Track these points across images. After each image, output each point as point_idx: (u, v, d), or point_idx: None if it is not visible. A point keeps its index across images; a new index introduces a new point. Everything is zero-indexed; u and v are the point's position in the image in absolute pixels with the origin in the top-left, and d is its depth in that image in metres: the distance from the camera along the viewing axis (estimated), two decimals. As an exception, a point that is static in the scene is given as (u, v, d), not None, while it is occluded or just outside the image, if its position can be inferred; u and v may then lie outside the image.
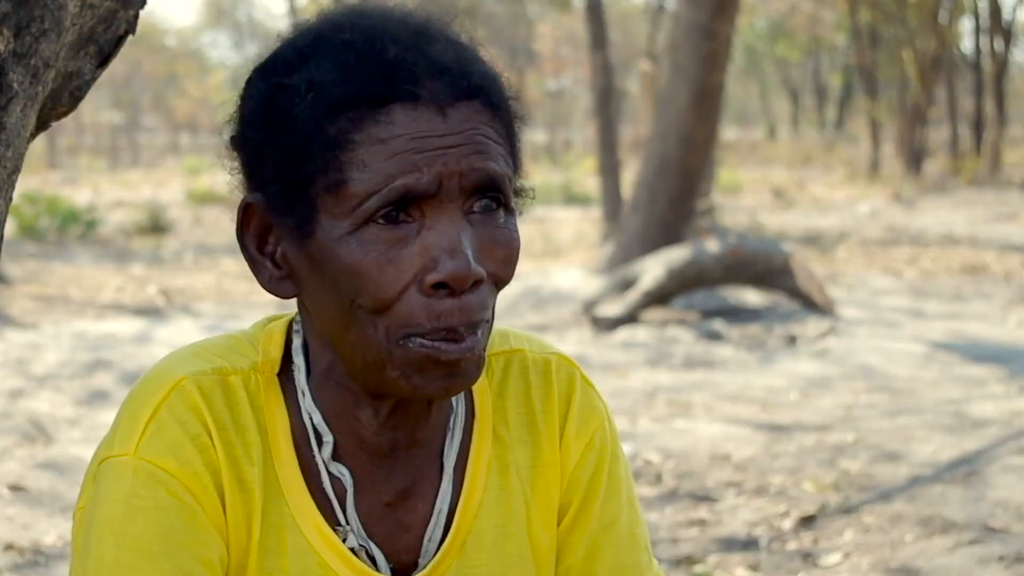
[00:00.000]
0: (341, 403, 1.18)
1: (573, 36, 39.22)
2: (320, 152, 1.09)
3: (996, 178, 24.04)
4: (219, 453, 1.15)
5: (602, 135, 14.22)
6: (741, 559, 3.88)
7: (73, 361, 7.18)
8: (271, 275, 1.16)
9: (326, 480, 1.19)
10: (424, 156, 1.08)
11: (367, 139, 1.08)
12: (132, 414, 1.16)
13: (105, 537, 1.12)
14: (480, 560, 1.23)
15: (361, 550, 1.19)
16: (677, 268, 8.65)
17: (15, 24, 1.17)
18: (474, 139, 1.10)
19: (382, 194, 1.07)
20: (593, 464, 1.29)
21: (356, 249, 1.09)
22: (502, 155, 1.13)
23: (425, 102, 1.09)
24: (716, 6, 9.92)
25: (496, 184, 1.11)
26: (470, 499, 1.23)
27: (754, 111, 63.27)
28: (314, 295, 1.14)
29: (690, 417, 5.82)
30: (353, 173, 1.08)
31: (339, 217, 1.09)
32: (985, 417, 5.49)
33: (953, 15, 27.77)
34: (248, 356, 1.20)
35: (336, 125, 1.08)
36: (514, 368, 1.29)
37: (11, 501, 4.45)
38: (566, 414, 1.29)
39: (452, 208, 1.09)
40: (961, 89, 30.93)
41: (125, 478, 1.13)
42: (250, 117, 1.16)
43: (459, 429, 1.24)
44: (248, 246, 1.16)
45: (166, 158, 47.03)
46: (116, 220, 18.08)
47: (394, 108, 1.08)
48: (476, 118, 1.11)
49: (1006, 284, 10.69)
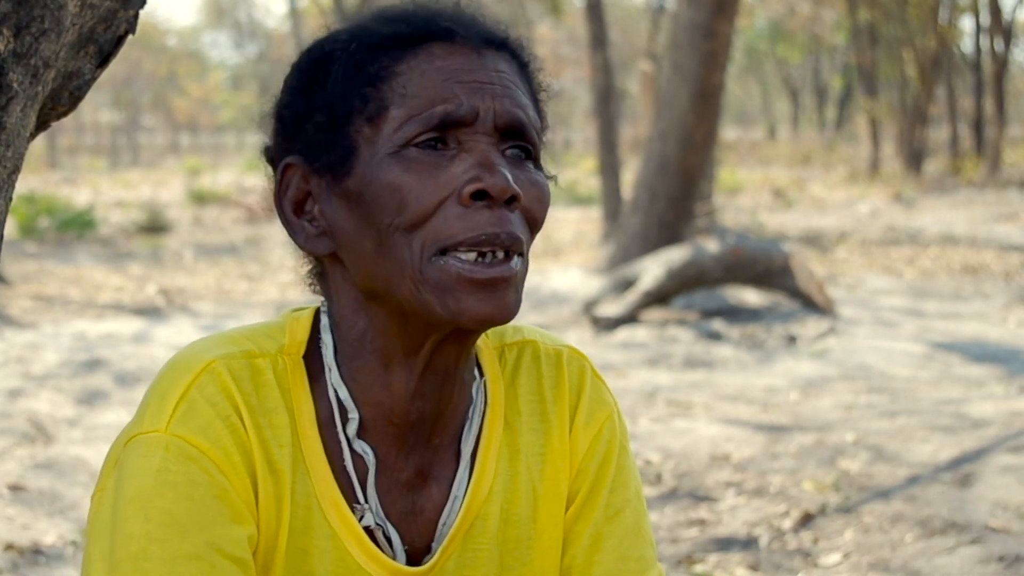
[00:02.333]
0: (373, 372, 1.20)
1: (573, 36, 39.25)
2: (361, 89, 1.15)
3: (996, 178, 24.04)
4: (250, 435, 1.16)
5: (602, 135, 14.22)
6: (741, 559, 3.88)
7: (72, 361, 7.18)
8: (308, 233, 1.19)
9: (348, 459, 1.20)
10: (462, 85, 1.14)
11: (408, 69, 1.15)
12: (162, 394, 1.16)
13: (134, 511, 1.11)
14: (483, 543, 1.25)
15: (378, 529, 1.20)
16: (677, 268, 8.65)
17: (15, 24, 1.17)
18: (506, 83, 1.17)
19: (422, 117, 1.13)
20: (602, 455, 1.30)
21: (396, 166, 1.13)
22: (530, 106, 1.19)
23: (461, 41, 1.17)
24: (716, 6, 9.92)
25: (526, 131, 1.17)
26: (480, 484, 1.25)
27: (754, 111, 63.31)
28: (351, 237, 1.16)
29: (690, 417, 5.82)
30: (395, 99, 1.14)
31: (380, 143, 1.14)
32: (985, 417, 5.49)
33: (953, 14, 27.78)
34: (276, 339, 1.22)
35: (377, 63, 1.16)
36: (526, 358, 1.32)
37: (11, 501, 4.45)
38: (576, 405, 1.31)
39: (487, 140, 1.15)
40: (961, 89, 30.93)
41: (156, 453, 1.12)
42: (290, 88, 1.21)
43: (478, 416, 1.26)
44: (285, 210, 1.20)
45: (166, 158, 47.06)
46: (116, 220, 18.09)
47: (433, 44, 1.16)
48: (507, 65, 1.19)
49: (1006, 284, 10.69)
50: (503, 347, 1.32)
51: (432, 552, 1.23)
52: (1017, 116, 44.32)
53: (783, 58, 46.67)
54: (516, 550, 1.27)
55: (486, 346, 1.31)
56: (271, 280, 12.01)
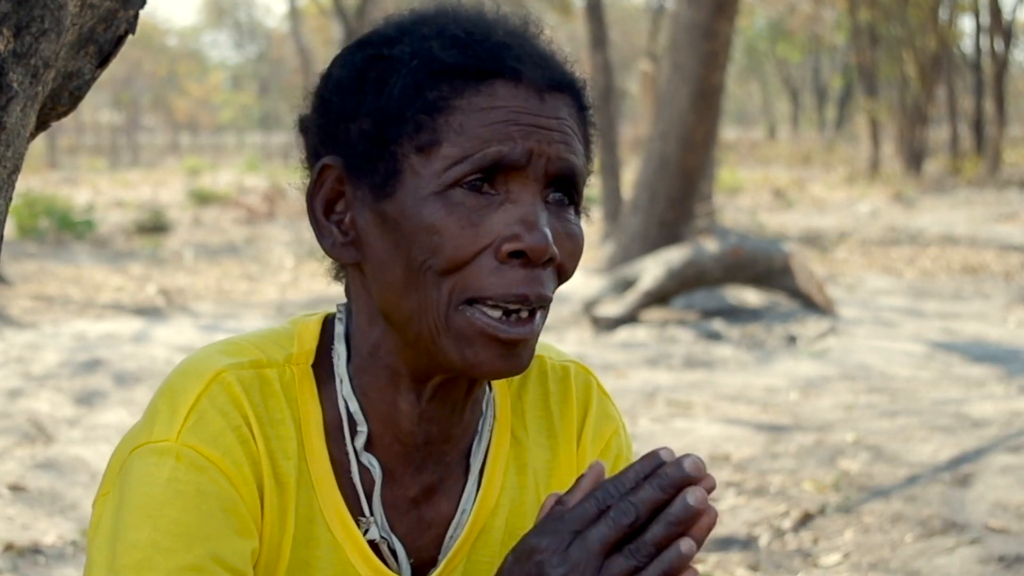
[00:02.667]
0: (382, 388, 1.19)
1: (574, 36, 39.19)
2: (416, 114, 1.12)
3: (996, 178, 24.03)
4: (259, 445, 1.15)
5: (602, 135, 14.21)
6: (741, 559, 3.88)
7: (72, 361, 7.18)
8: (335, 240, 1.18)
9: (355, 471, 1.19)
10: (520, 129, 1.12)
11: (468, 105, 1.12)
12: (171, 402, 1.15)
13: (141, 519, 1.10)
14: (486, 556, 1.24)
15: (383, 543, 1.19)
16: (677, 268, 8.65)
17: (15, 24, 1.17)
18: (564, 129, 1.14)
19: (475, 159, 1.11)
20: (608, 469, 1.30)
21: (440, 208, 1.11)
22: (583, 154, 1.17)
23: (527, 82, 1.13)
24: (716, 6, 9.92)
25: (574, 179, 1.15)
26: (487, 498, 1.25)
27: (754, 111, 63.30)
28: (380, 258, 1.15)
29: (690, 417, 5.82)
30: (449, 135, 1.11)
31: (426, 178, 1.11)
32: (984, 417, 5.49)
33: (953, 14, 27.77)
34: (284, 348, 1.21)
35: (437, 91, 1.12)
36: (533, 373, 1.31)
37: (11, 501, 4.45)
38: (583, 420, 1.31)
39: (534, 188, 1.13)
40: (961, 89, 30.91)
41: (166, 462, 1.12)
42: (340, 83, 1.18)
43: (487, 431, 1.26)
44: (316, 210, 1.18)
45: (166, 158, 47.06)
46: (116, 220, 18.08)
47: (497, 83, 1.13)
48: (567, 111, 1.16)
49: (1006, 284, 10.69)
50: None
51: (437, 565, 1.22)
52: (1017, 116, 44.31)
53: (783, 58, 46.66)
54: None
55: None
56: (271, 280, 12.01)
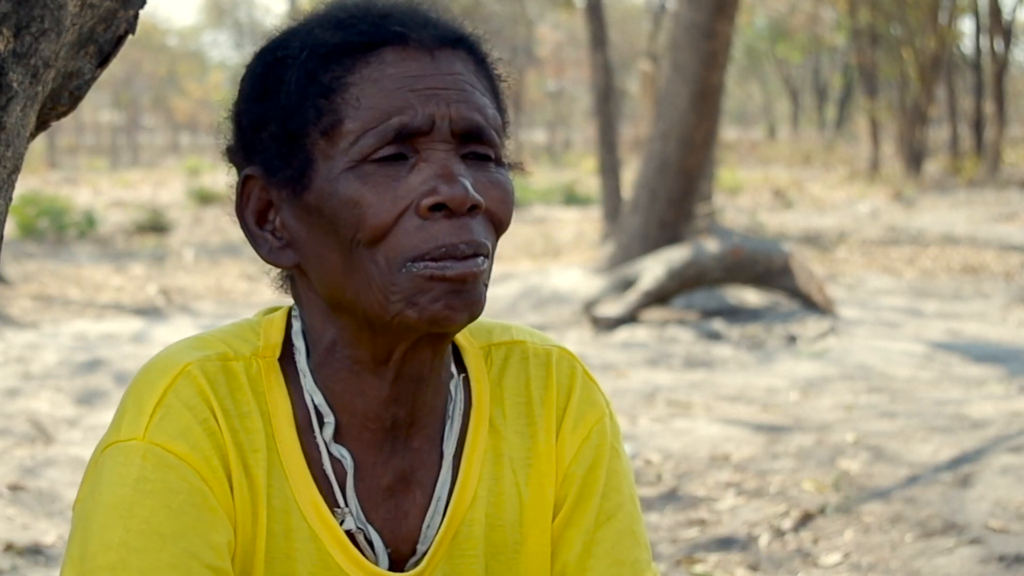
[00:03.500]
0: (345, 380, 1.19)
1: (574, 36, 39.23)
2: (314, 101, 1.13)
3: (996, 178, 24.03)
4: (226, 438, 1.15)
5: (602, 135, 14.22)
6: (741, 559, 3.88)
7: (72, 361, 7.18)
8: (271, 246, 1.19)
9: (327, 462, 1.19)
10: (417, 94, 1.12)
11: (360, 79, 1.13)
12: (138, 400, 1.15)
13: (112, 520, 1.10)
14: (470, 550, 1.23)
15: (359, 533, 1.19)
16: (677, 268, 8.65)
17: (15, 24, 1.17)
18: (462, 85, 1.14)
19: (378, 131, 1.11)
20: (590, 459, 1.28)
21: (354, 181, 1.11)
22: (489, 106, 1.16)
23: (415, 44, 1.14)
24: (716, 6, 9.92)
25: (485, 133, 1.14)
26: (465, 489, 1.23)
27: (754, 111, 63.28)
28: (315, 251, 1.15)
29: (690, 417, 5.82)
30: (348, 111, 1.12)
31: (336, 158, 1.12)
32: (984, 417, 5.49)
33: (953, 15, 27.75)
34: (250, 342, 1.21)
35: (329, 72, 1.13)
36: (514, 358, 1.29)
37: (11, 501, 4.45)
38: (565, 407, 1.28)
39: (446, 147, 1.13)
40: (961, 89, 30.91)
41: (134, 462, 1.12)
42: (246, 94, 1.19)
43: (458, 416, 1.24)
44: (248, 222, 1.19)
45: (166, 158, 47.03)
46: (116, 220, 18.08)
47: (385, 51, 1.14)
48: (462, 65, 1.16)
49: (1006, 284, 10.69)
50: (490, 347, 1.29)
51: (416, 555, 1.22)
52: (1017, 116, 44.29)
53: (783, 58, 46.63)
54: (502, 556, 1.25)
55: (471, 346, 1.28)
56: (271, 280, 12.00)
